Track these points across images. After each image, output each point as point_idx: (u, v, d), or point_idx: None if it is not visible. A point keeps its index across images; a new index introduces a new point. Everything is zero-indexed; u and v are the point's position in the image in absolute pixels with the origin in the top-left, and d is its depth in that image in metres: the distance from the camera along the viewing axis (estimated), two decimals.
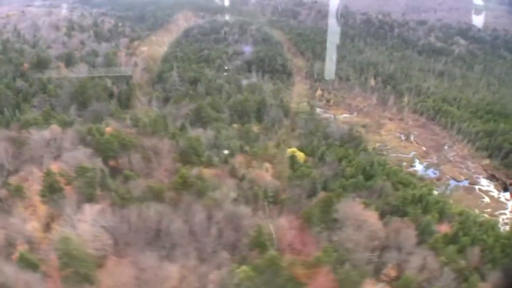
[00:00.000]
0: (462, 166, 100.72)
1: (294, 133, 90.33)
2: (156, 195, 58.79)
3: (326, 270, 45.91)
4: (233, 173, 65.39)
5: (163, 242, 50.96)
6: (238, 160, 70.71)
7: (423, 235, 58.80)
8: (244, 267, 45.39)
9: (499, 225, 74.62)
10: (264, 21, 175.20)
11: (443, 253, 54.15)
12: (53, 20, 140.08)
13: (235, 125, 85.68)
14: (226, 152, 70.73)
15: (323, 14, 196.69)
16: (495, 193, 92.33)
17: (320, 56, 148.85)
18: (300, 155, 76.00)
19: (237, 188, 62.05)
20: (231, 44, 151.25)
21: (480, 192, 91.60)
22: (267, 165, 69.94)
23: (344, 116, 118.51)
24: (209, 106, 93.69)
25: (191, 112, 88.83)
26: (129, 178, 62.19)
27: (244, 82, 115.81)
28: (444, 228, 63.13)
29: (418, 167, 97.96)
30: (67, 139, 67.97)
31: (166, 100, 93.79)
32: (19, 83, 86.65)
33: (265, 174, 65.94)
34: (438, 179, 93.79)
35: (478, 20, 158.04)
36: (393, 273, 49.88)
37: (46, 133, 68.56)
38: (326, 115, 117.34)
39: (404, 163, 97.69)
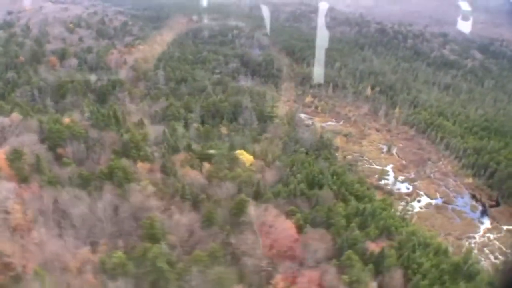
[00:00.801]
0: (442, 183, 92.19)
1: (261, 136, 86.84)
2: (83, 182, 58.66)
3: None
4: (164, 169, 63.60)
5: (65, 223, 50.53)
6: (179, 157, 68.96)
7: (342, 249, 54.06)
8: (119, 253, 44.51)
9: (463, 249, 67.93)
10: (275, 26, 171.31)
11: (350, 271, 49.00)
12: (64, 16, 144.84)
13: (195, 125, 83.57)
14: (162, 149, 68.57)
15: (337, 21, 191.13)
16: (469, 214, 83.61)
17: (321, 63, 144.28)
18: (248, 158, 72.69)
19: (162, 183, 60.40)
20: (236, 47, 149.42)
21: (452, 212, 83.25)
22: (206, 164, 67.54)
23: (328, 123, 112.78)
24: (182, 105, 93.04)
25: (161, 110, 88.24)
26: (65, 165, 62.64)
27: (232, 84, 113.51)
28: (376, 246, 57.61)
29: (391, 180, 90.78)
30: (23, 127, 69.46)
31: (143, 97, 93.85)
32: (10, 74, 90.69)
33: (197, 173, 63.52)
34: (409, 195, 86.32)
35: (464, 26, 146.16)
36: (281, 284, 45.51)
37: (6, 120, 70.69)
38: (310, 121, 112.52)
39: (376, 176, 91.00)
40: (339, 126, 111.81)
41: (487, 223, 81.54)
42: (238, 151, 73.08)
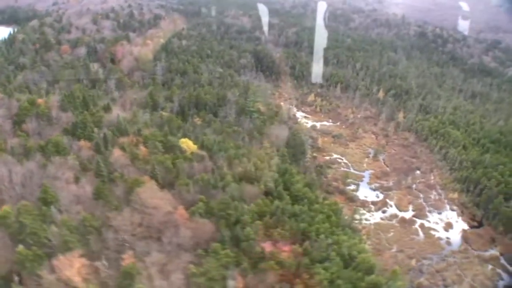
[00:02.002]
0: (422, 195, 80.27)
1: (229, 129, 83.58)
2: (24, 152, 62.22)
3: None
4: (96, 148, 64.61)
5: None
6: (125, 140, 69.48)
7: (224, 242, 49.79)
8: (6, 208, 47.45)
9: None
10: (310, 25, 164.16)
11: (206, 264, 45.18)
12: (98, 8, 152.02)
13: (164, 113, 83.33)
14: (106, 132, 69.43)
15: (377, 23, 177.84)
16: (439, 232, 71.44)
17: (343, 64, 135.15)
18: (191, 147, 70.49)
19: (88, 160, 61.56)
20: (261, 44, 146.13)
21: (419, 228, 71.95)
22: (142, 148, 67.19)
23: (323, 123, 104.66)
24: (166, 95, 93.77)
25: (141, 98, 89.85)
26: (19, 137, 67.13)
27: (235, 79, 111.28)
28: (273, 247, 51.95)
29: (363, 187, 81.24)
30: (2, 104, 75.86)
31: (132, 85, 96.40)
32: (22, 59, 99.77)
33: (122, 154, 63.51)
34: (375, 203, 76.43)
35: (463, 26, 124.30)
36: (128, 260, 43.83)
37: None
38: (304, 120, 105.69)
39: (348, 180, 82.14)
40: (333, 127, 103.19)
41: (456, 244, 69.01)
42: (182, 140, 71.46)
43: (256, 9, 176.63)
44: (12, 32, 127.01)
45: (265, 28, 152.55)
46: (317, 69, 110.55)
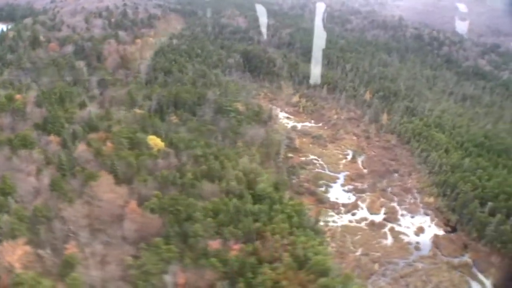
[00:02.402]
0: (396, 198, 77.80)
1: (203, 128, 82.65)
2: None
3: None
4: (64, 143, 64.59)
5: None
6: (95, 136, 69.46)
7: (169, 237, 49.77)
8: None
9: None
10: (305, 27, 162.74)
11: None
12: (93, 7, 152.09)
13: (138, 111, 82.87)
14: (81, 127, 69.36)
15: (374, 25, 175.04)
16: (409, 237, 68.96)
17: (333, 65, 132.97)
18: (158, 144, 69.91)
19: (53, 154, 62.08)
20: (253, 44, 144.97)
21: (388, 232, 69.53)
22: (108, 144, 66.90)
23: (304, 124, 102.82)
24: (145, 93, 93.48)
25: (119, 96, 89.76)
26: None
27: (219, 78, 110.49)
28: (219, 244, 50.94)
29: (336, 189, 79.22)
30: None
31: (113, 83, 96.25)
32: (9, 56, 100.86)
33: (87, 149, 63.47)
34: (346, 206, 74.35)
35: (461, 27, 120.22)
36: (71, 250, 44.59)
37: None
38: (285, 120, 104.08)
39: (321, 181, 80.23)
40: (314, 128, 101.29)
41: (426, 250, 66.47)
42: (150, 137, 70.89)
43: (253, 10, 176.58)
44: (4, 29, 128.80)
45: (263, 29, 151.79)
46: (316, 70, 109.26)
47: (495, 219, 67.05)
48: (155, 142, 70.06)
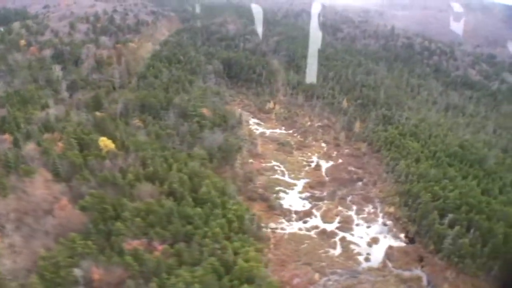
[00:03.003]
0: (355, 207, 76.06)
1: (162, 132, 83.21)
2: None
3: None
4: (15, 142, 66.23)
5: None
6: (50, 136, 71.20)
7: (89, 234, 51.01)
8: None
9: None
10: (295, 35, 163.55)
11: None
12: (82, 12, 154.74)
13: (98, 113, 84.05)
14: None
15: (366, 34, 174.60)
16: (361, 247, 67.02)
17: (315, 72, 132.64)
18: (108, 145, 70.59)
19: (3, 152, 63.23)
20: (238, 51, 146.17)
21: (338, 242, 67.65)
22: (59, 144, 68.42)
23: (273, 131, 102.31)
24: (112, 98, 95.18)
25: (86, 99, 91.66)
26: None
27: (192, 84, 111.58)
28: (140, 244, 51.19)
29: (292, 196, 78.11)
30: None
31: (84, 87, 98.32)
32: None
33: (35, 148, 65.25)
34: (298, 213, 73.08)
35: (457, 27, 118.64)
36: None
37: None
38: (255, 126, 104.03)
39: (278, 188, 79.29)
40: (284, 134, 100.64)
41: (376, 261, 64.44)
42: (102, 138, 71.76)
43: (245, 17, 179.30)
44: None
45: (259, 29, 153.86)
46: (312, 70, 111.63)
47: (453, 232, 65.23)
48: (105, 143, 70.68)
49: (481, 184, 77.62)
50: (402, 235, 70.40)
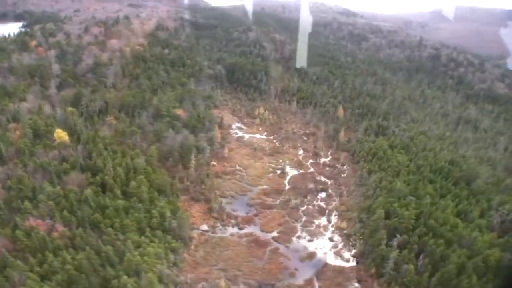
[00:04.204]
0: (304, 219, 73.11)
1: (127, 129, 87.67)
2: None
3: None
4: None
5: None
6: (10, 126, 79.15)
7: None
8: None
9: None
10: (313, 43, 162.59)
11: None
12: (104, 16, 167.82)
13: (70, 109, 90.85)
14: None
15: (392, 44, 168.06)
16: (291, 261, 63.71)
17: (321, 80, 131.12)
18: (62, 137, 76.25)
19: None
20: (250, 57, 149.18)
21: (269, 253, 64.69)
22: (17, 132, 76.20)
23: (253, 136, 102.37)
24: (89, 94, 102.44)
25: (68, 97, 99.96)
26: None
27: (184, 87, 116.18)
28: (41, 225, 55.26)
29: (241, 201, 76.94)
30: None
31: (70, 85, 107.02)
32: None
33: None
34: (237, 218, 71.70)
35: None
36: None
37: None
38: (236, 130, 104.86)
39: (230, 192, 78.82)
40: (262, 140, 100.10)
41: (301, 279, 60.52)
42: (57, 130, 77.82)
43: (270, 25, 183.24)
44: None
45: (279, 37, 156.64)
46: (302, 54, 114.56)
47: (397, 255, 59.78)
48: (59, 135, 76.53)
49: (460, 204, 71.01)
50: (347, 254, 66.43)
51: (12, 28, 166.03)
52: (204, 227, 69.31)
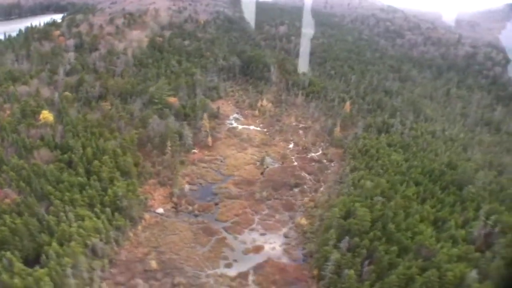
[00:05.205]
0: (265, 212, 73.30)
1: (115, 114, 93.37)
2: None
3: None
4: None
5: None
6: (5, 106, 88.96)
7: None
8: None
9: None
10: (344, 38, 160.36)
11: None
12: (134, 9, 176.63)
13: (66, 93, 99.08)
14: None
15: (428, 41, 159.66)
16: (233, 253, 64.27)
17: (337, 75, 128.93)
18: (47, 118, 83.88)
19: None
20: (274, 50, 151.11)
21: (214, 241, 66.26)
22: (7, 111, 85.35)
23: (245, 127, 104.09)
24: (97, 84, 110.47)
25: (71, 82, 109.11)
26: None
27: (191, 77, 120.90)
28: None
29: (207, 189, 79.29)
30: None
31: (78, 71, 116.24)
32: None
33: None
34: (194, 205, 74.02)
35: None
36: None
37: None
38: (232, 121, 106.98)
39: (200, 180, 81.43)
40: (255, 131, 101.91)
41: (236, 271, 60.02)
42: (43, 111, 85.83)
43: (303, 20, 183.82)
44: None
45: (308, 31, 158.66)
46: (304, 59, 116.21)
47: (340, 258, 57.61)
48: (45, 116, 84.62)
49: (441, 211, 66.79)
50: (298, 252, 65.47)
51: (55, 18, 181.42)
52: (160, 210, 72.46)
